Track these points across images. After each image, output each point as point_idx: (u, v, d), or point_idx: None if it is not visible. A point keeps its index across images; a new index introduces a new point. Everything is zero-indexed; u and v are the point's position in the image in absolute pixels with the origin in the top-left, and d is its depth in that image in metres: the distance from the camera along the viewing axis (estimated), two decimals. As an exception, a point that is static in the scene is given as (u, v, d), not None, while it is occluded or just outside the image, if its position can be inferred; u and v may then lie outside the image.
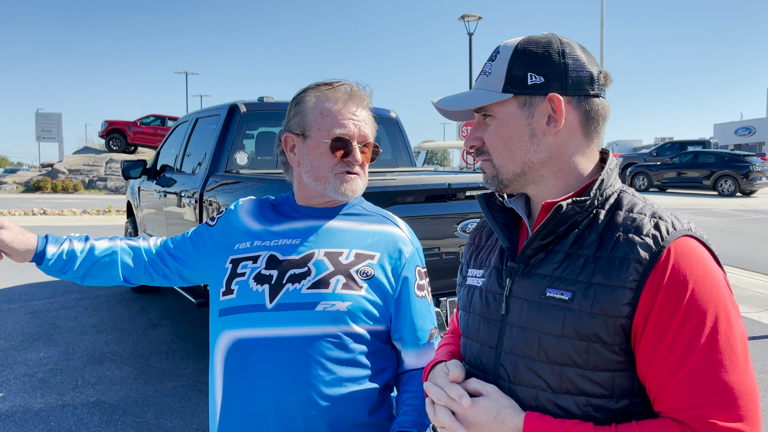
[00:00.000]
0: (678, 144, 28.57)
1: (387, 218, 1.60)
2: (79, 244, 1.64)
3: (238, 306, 1.46)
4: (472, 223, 3.69)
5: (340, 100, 1.48)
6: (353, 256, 1.48)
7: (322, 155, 1.47)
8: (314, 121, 1.48)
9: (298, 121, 1.51)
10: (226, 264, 1.53)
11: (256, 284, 1.45)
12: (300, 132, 1.51)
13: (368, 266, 1.47)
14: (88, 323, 5.94)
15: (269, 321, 1.42)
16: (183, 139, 5.89)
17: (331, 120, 1.47)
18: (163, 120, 26.44)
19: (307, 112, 1.49)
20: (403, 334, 1.52)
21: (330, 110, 1.47)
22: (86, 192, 25.77)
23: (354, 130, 1.48)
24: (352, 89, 1.50)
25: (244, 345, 1.44)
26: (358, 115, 1.50)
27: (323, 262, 1.46)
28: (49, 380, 4.46)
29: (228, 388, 1.46)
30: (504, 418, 1.04)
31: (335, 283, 1.43)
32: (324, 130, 1.47)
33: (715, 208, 17.09)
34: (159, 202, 5.89)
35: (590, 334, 1.00)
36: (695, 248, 1.00)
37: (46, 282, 7.84)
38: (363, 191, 1.53)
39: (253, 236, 1.54)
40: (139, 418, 3.82)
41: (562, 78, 1.07)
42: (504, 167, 1.13)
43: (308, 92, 1.52)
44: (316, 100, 1.49)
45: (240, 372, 1.44)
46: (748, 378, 0.96)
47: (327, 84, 1.52)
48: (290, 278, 1.45)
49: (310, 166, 1.49)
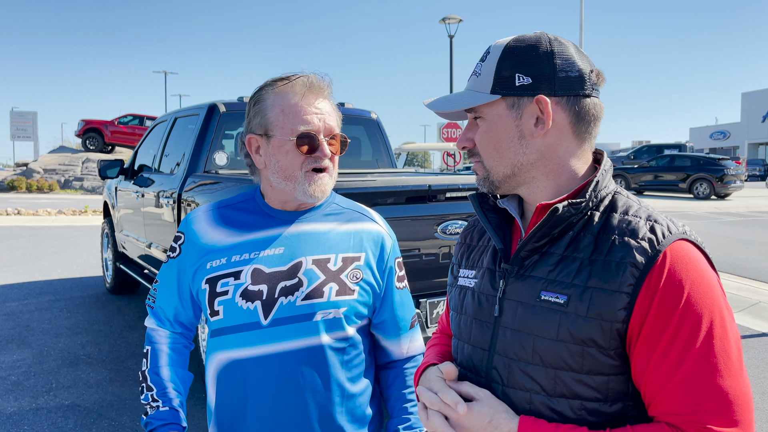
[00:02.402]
0: (655, 147, 29.00)
1: (363, 214, 1.58)
2: (175, 393, 1.52)
3: (229, 326, 1.41)
4: (452, 224, 3.69)
5: (299, 94, 1.42)
6: (341, 260, 1.46)
7: (288, 154, 1.41)
8: (276, 120, 1.41)
9: (259, 121, 1.44)
10: (201, 285, 1.45)
11: (245, 301, 1.39)
12: (263, 132, 1.44)
13: (357, 269, 1.47)
14: (63, 325, 5.84)
15: (266, 338, 1.39)
16: (161, 138, 5.82)
17: (293, 116, 1.40)
18: (142, 119, 26.18)
19: (268, 111, 1.43)
20: (386, 326, 1.56)
21: (291, 106, 1.41)
22: (62, 192, 25.39)
23: (318, 124, 1.41)
24: (310, 81, 1.43)
25: (238, 366, 1.41)
26: (320, 107, 1.43)
27: (313, 271, 1.43)
28: (22, 383, 4.37)
29: (222, 408, 1.45)
30: (498, 422, 1.03)
31: (329, 291, 1.42)
32: (287, 127, 1.40)
33: (691, 211, 17.36)
34: (136, 203, 5.82)
35: (585, 338, 0.99)
36: (691, 252, 0.99)
37: (20, 283, 7.71)
38: (332, 188, 1.49)
39: (227, 251, 1.44)
40: (115, 422, 3.75)
41: (551, 78, 1.05)
42: (494, 169, 1.11)
43: (265, 90, 1.46)
44: (274, 97, 1.43)
45: (234, 392, 1.42)
46: (742, 383, 0.96)
47: (283, 79, 1.45)
48: (282, 291, 1.40)
49: (278, 167, 1.43)
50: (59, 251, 10.39)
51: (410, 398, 1.55)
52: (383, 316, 1.55)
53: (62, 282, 7.84)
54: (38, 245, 11.10)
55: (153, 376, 1.50)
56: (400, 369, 1.59)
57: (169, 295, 1.54)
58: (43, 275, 8.27)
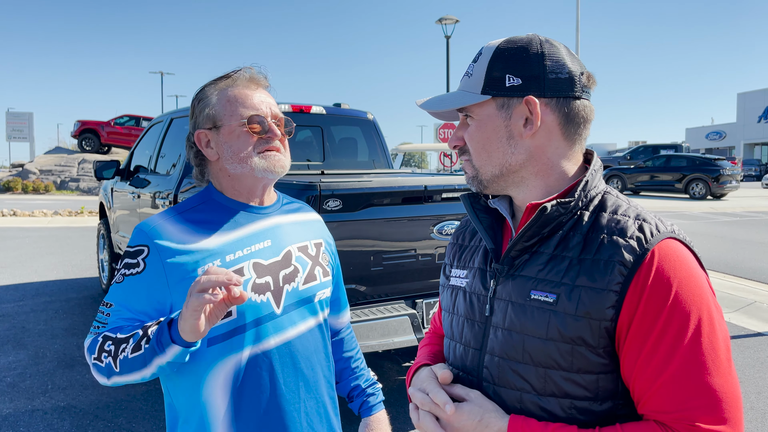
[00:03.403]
0: (651, 148, 29.03)
1: (308, 206, 1.71)
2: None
3: (245, 323, 1.39)
4: (448, 225, 3.70)
5: (242, 86, 1.48)
6: (314, 246, 1.59)
7: (240, 137, 1.44)
8: (223, 110, 1.45)
9: (206, 114, 1.47)
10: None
11: (257, 295, 1.41)
12: (211, 125, 1.47)
13: (325, 252, 1.63)
14: (58, 326, 5.83)
15: (280, 326, 1.44)
16: (157, 139, 5.81)
17: (241, 103, 1.45)
18: (138, 120, 26.10)
19: (214, 104, 1.47)
20: (335, 303, 1.72)
21: (236, 95, 1.46)
22: (58, 193, 25.32)
23: (265, 109, 1.47)
24: (251, 74, 1.50)
25: (262, 359, 1.40)
26: (263, 96, 1.49)
27: (301, 257, 1.53)
28: (18, 385, 4.36)
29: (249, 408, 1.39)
30: (488, 422, 1.03)
31: (319, 274, 1.56)
32: (236, 114, 1.44)
33: (687, 211, 17.39)
34: (132, 204, 5.81)
35: (575, 336, 1.00)
36: (679, 250, 1.00)
37: (16, 284, 7.69)
38: (288, 167, 1.51)
39: (218, 252, 1.41)
40: (111, 423, 3.75)
41: (540, 80, 1.06)
42: (483, 168, 1.12)
43: (208, 89, 1.50)
44: (219, 92, 1.48)
45: (261, 387, 1.40)
46: (730, 380, 0.96)
47: (224, 77, 1.50)
48: (285, 279, 1.47)
49: (231, 152, 1.45)
50: (55, 252, 10.37)
51: (356, 356, 1.75)
52: (335, 295, 1.72)
53: (58, 283, 7.82)
54: (34, 246, 11.07)
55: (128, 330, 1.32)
56: (339, 337, 1.75)
57: (131, 315, 1.38)
58: (39, 276, 8.25)
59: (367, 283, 3.51)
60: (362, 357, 1.77)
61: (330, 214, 3.28)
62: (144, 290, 1.38)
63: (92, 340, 1.38)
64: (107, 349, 1.32)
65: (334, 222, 3.26)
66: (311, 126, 5.51)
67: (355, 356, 1.75)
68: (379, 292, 3.58)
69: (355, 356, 1.75)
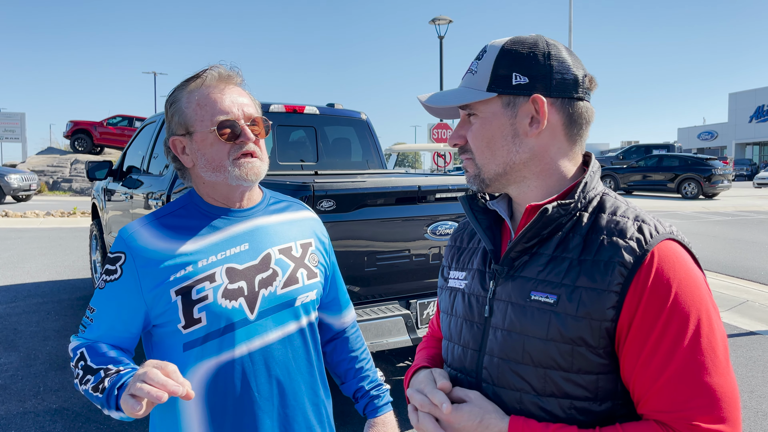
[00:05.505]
0: (643, 147, 29.18)
1: (299, 203, 1.65)
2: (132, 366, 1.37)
3: (216, 330, 1.38)
4: (442, 225, 3.70)
5: (211, 86, 1.42)
6: (300, 247, 1.53)
7: (212, 145, 1.39)
8: (194, 115, 1.40)
9: (177, 120, 1.43)
10: (171, 299, 1.36)
11: (228, 301, 1.38)
12: (184, 131, 1.42)
13: (313, 253, 1.56)
14: (50, 328, 5.79)
15: (254, 332, 1.40)
16: (150, 139, 5.79)
17: (210, 108, 1.39)
18: (131, 120, 26.02)
19: (184, 109, 1.41)
20: (333, 304, 1.68)
21: (205, 98, 1.40)
22: (50, 193, 25.20)
23: (237, 111, 1.40)
24: (219, 73, 1.44)
25: (231, 367, 1.39)
26: (234, 95, 1.43)
27: (282, 260, 1.48)
28: (9, 387, 4.33)
29: (219, 417, 1.39)
30: (488, 422, 1.03)
31: (302, 276, 1.50)
32: (206, 119, 1.39)
33: (679, 210, 17.47)
34: (125, 204, 5.78)
35: (575, 337, 1.00)
36: (678, 251, 1.01)
37: (7, 285, 7.64)
38: (266, 172, 1.47)
39: (192, 258, 1.39)
40: (103, 426, 3.73)
41: (547, 79, 1.06)
42: (486, 166, 1.12)
43: (178, 90, 1.45)
44: (188, 94, 1.42)
45: (231, 395, 1.39)
46: (729, 380, 0.97)
47: (193, 77, 1.44)
48: (261, 284, 1.42)
49: (205, 160, 1.41)
50: (47, 253, 10.31)
51: (360, 356, 1.69)
52: (332, 295, 1.67)
53: (50, 284, 7.78)
54: (26, 247, 11.01)
55: (99, 359, 1.34)
56: (342, 337, 1.71)
57: (111, 322, 1.40)
58: (31, 277, 8.20)
59: (361, 284, 3.51)
60: (369, 357, 1.72)
61: (323, 214, 3.28)
62: (123, 297, 1.39)
63: (74, 347, 1.42)
64: (80, 367, 1.35)
65: (327, 222, 3.25)
66: (304, 126, 5.50)
67: (361, 356, 1.70)
68: (373, 292, 3.58)
69: (360, 356, 1.70)
